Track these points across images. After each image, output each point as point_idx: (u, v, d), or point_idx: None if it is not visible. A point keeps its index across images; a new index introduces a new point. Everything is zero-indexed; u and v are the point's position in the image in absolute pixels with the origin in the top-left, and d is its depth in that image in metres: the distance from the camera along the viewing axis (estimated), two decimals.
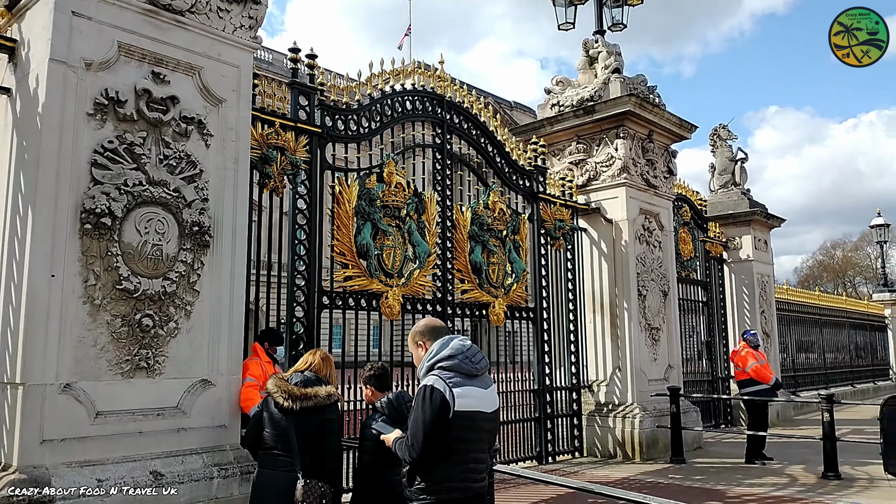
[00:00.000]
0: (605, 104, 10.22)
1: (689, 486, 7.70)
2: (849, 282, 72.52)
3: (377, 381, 4.23)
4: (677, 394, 9.51)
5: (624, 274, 10.11)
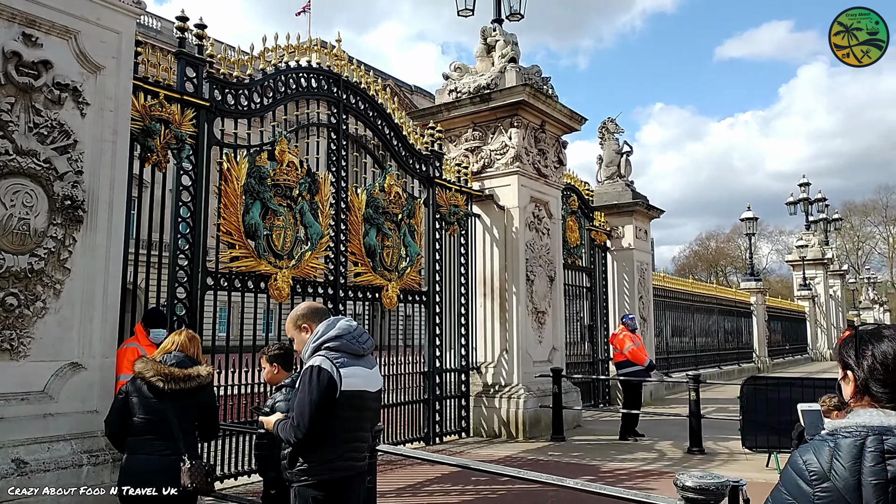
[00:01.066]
0: (500, 93, 10.42)
1: (566, 463, 8.10)
2: (721, 271, 77.97)
3: (284, 360, 4.16)
4: (560, 375, 9.94)
5: (514, 259, 10.41)
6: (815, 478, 1.53)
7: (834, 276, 38.02)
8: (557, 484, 2.93)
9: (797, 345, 32.31)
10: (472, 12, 11.44)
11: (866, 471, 1.48)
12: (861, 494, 1.47)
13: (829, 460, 1.52)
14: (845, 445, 1.52)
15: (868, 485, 1.47)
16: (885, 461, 1.48)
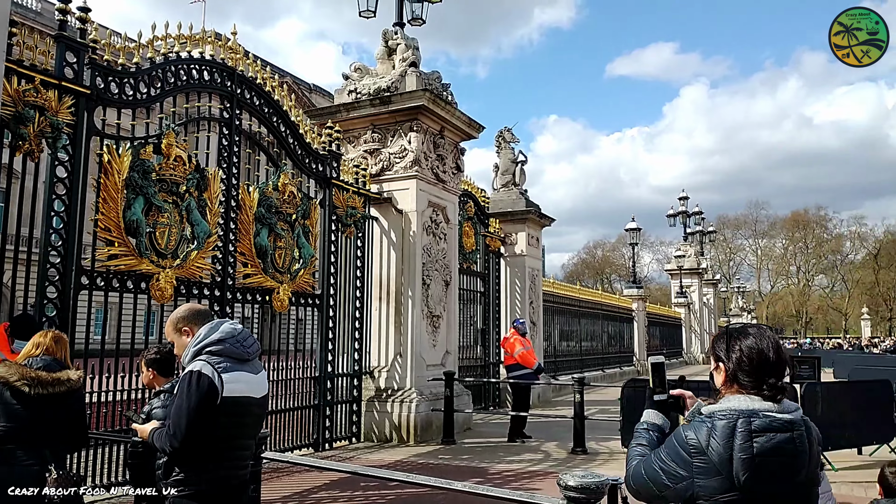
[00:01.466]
0: (401, 96, 10.41)
1: (456, 466, 8.18)
2: (606, 278, 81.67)
3: (161, 365, 3.94)
4: (452, 378, 10.03)
5: (411, 263, 10.43)
6: (694, 451, 1.84)
7: (708, 284, 40.69)
8: (445, 487, 2.95)
9: (674, 349, 34.30)
10: (374, 14, 11.38)
11: (737, 447, 1.79)
12: (732, 466, 1.78)
13: (706, 438, 1.83)
14: (720, 426, 1.83)
15: (738, 458, 1.78)
16: (752, 439, 1.80)
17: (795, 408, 1.93)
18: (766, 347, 1.96)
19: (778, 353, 1.97)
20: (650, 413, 2.23)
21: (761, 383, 1.92)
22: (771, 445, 1.80)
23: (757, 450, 1.79)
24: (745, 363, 1.94)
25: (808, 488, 1.89)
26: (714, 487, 1.80)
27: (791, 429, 1.85)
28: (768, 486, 1.78)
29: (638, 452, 2.11)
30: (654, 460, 1.97)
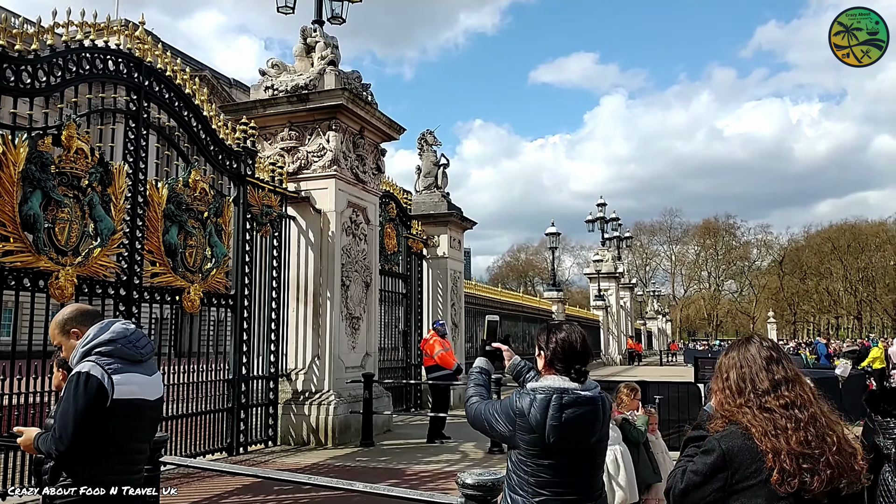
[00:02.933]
0: (319, 95, 10.27)
1: (373, 468, 8.11)
2: (529, 281, 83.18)
3: None
4: (371, 380, 9.95)
5: (329, 264, 10.28)
6: (518, 415, 2.40)
7: (624, 288, 42.06)
8: (344, 488, 2.91)
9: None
10: (292, 10, 11.19)
11: (550, 416, 2.35)
12: (545, 429, 2.33)
13: (529, 405, 2.38)
14: (539, 399, 2.38)
15: (549, 424, 2.33)
16: (562, 411, 2.35)
17: (594, 386, 2.49)
18: (575, 340, 2.51)
19: (583, 344, 2.52)
20: (480, 359, 2.94)
21: (570, 368, 2.47)
22: (575, 416, 2.35)
23: (564, 419, 2.34)
24: (559, 352, 2.48)
25: (598, 444, 2.50)
26: (529, 440, 2.37)
27: (591, 403, 2.42)
28: (569, 443, 2.35)
29: (473, 393, 2.76)
30: (491, 412, 2.54)
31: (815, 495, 1.74)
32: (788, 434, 1.80)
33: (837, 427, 1.87)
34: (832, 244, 75.68)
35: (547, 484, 2.36)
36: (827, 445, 1.79)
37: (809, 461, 1.75)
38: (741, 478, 1.84)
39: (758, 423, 1.85)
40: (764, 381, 1.93)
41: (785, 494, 1.75)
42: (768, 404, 1.88)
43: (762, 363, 1.96)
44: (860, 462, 1.83)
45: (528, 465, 2.39)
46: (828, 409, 1.91)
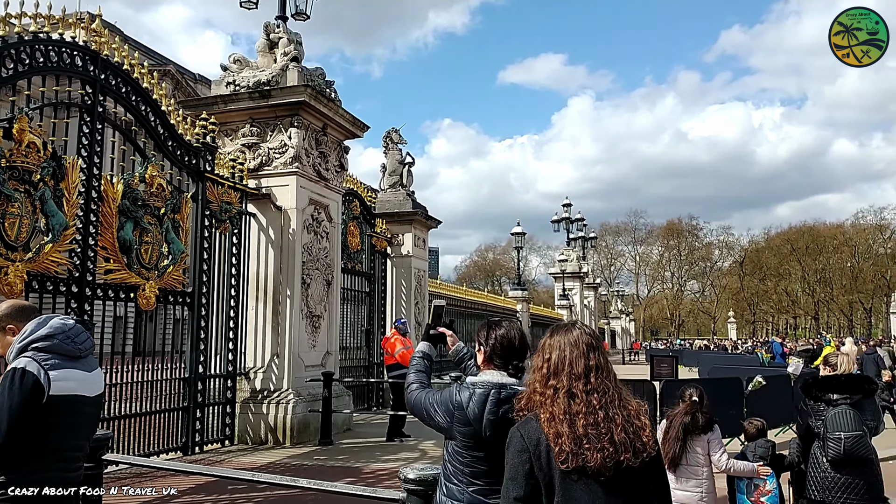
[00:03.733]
0: (281, 91, 10.20)
1: (331, 466, 8.09)
2: (496, 280, 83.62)
3: None
4: (331, 379, 9.92)
5: (290, 262, 10.22)
6: (457, 408, 2.44)
7: (589, 288, 42.55)
8: (288, 484, 2.92)
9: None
10: (255, 5, 11.09)
11: (487, 411, 2.39)
12: (482, 422, 2.38)
13: (468, 399, 2.42)
14: (478, 393, 2.42)
15: (486, 419, 2.38)
16: (499, 406, 2.39)
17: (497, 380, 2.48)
18: (513, 337, 2.54)
19: (521, 341, 2.57)
20: (423, 344, 2.94)
21: (508, 363, 2.51)
22: (512, 411, 2.27)
23: (501, 413, 2.37)
24: (498, 348, 2.51)
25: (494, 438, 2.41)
26: (465, 433, 2.42)
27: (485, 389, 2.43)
28: (503, 437, 2.25)
29: (414, 379, 2.77)
30: (431, 402, 2.57)
31: (598, 468, 1.91)
32: (578, 418, 1.97)
33: (631, 405, 2.05)
34: (791, 246, 77.55)
35: (481, 475, 2.41)
36: (615, 424, 1.98)
37: (594, 441, 1.94)
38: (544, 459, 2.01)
39: (548, 408, 2.02)
40: (579, 367, 2.06)
41: (568, 470, 1.92)
42: (575, 388, 2.03)
43: (583, 349, 2.09)
44: (647, 435, 2.01)
45: (464, 456, 2.44)
46: (625, 393, 2.08)
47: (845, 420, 4.25)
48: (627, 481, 1.96)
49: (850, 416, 4.27)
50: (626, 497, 1.97)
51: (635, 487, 1.98)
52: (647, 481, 2.02)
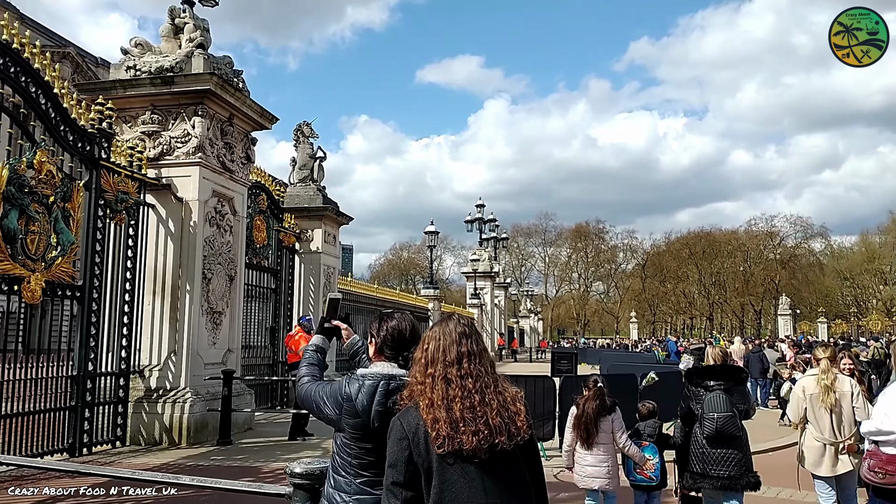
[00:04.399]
0: (185, 78, 9.84)
1: (228, 466, 7.89)
2: (411, 279, 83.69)
3: None
4: (231, 377, 9.67)
5: (190, 256, 9.87)
6: (346, 400, 2.43)
7: (499, 287, 43.25)
8: (169, 482, 2.83)
9: None
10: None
11: (376, 402, 2.39)
12: (370, 414, 2.38)
13: (357, 391, 2.42)
14: (367, 385, 2.42)
15: (375, 410, 2.38)
16: (388, 397, 2.38)
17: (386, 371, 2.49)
18: (404, 328, 2.55)
19: (412, 332, 2.56)
20: (317, 337, 2.93)
21: (399, 355, 2.51)
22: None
23: (390, 405, 2.36)
24: (389, 339, 2.53)
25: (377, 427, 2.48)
26: (354, 424, 2.43)
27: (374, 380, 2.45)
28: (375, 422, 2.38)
29: (306, 372, 2.74)
30: (320, 394, 2.55)
31: (473, 450, 2.01)
32: (454, 402, 2.06)
33: (507, 392, 2.15)
34: (689, 250, 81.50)
35: (369, 466, 2.43)
36: (490, 408, 2.07)
37: (470, 424, 2.03)
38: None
39: (427, 395, 2.10)
40: (452, 354, 2.16)
41: (444, 453, 2.01)
42: (450, 374, 2.12)
43: (456, 337, 2.18)
44: (522, 420, 2.11)
45: (353, 447, 2.44)
46: (501, 379, 2.19)
47: (718, 403, 5.00)
48: (502, 464, 2.04)
49: (722, 399, 5.02)
50: (500, 479, 2.04)
51: (510, 470, 2.06)
52: (522, 464, 2.11)
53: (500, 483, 2.03)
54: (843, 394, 5.29)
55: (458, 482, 2.00)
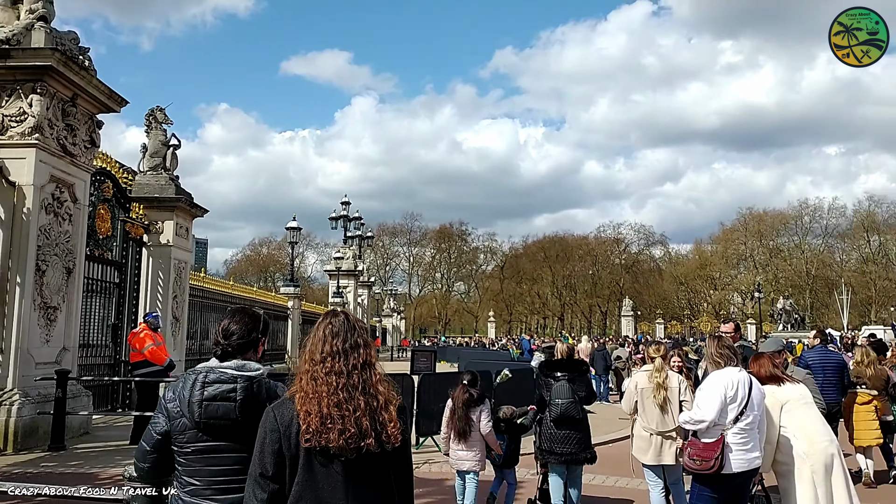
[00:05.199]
0: (23, 52, 9.00)
1: (61, 473, 7.31)
2: (270, 276, 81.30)
3: None
4: (66, 378, 8.95)
5: (22, 246, 9.03)
6: (170, 399, 2.48)
7: (363, 286, 43.14)
8: None
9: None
10: None
11: (195, 394, 2.41)
12: (191, 407, 2.40)
13: (181, 386, 2.47)
14: (190, 379, 2.46)
15: (194, 401, 2.40)
16: (204, 388, 2.41)
17: (255, 368, 2.50)
18: (228, 325, 2.59)
19: (243, 327, 2.61)
20: None
21: (225, 349, 2.55)
22: (216, 392, 2.40)
23: (206, 395, 2.39)
24: (218, 335, 2.59)
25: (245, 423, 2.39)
26: (180, 424, 2.42)
27: (235, 381, 2.43)
28: (214, 420, 2.39)
29: None
30: (150, 425, 2.52)
31: (339, 449, 2.03)
32: (323, 398, 2.09)
33: (380, 397, 2.16)
34: (544, 253, 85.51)
35: (201, 461, 2.40)
36: (359, 409, 2.10)
37: (338, 422, 2.05)
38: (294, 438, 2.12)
39: (301, 389, 2.14)
40: (321, 351, 2.20)
41: (311, 448, 2.04)
42: (317, 371, 2.16)
43: (324, 334, 2.22)
44: (393, 427, 2.13)
45: (185, 448, 2.42)
46: (379, 384, 2.20)
47: (563, 390, 5.90)
48: (368, 466, 2.06)
49: (566, 387, 5.92)
50: (364, 481, 2.06)
51: (375, 473, 2.08)
52: (389, 469, 2.12)
53: (364, 486, 2.05)
54: (672, 389, 5.81)
55: (322, 479, 2.01)
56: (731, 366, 4.65)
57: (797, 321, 48.39)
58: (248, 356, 2.52)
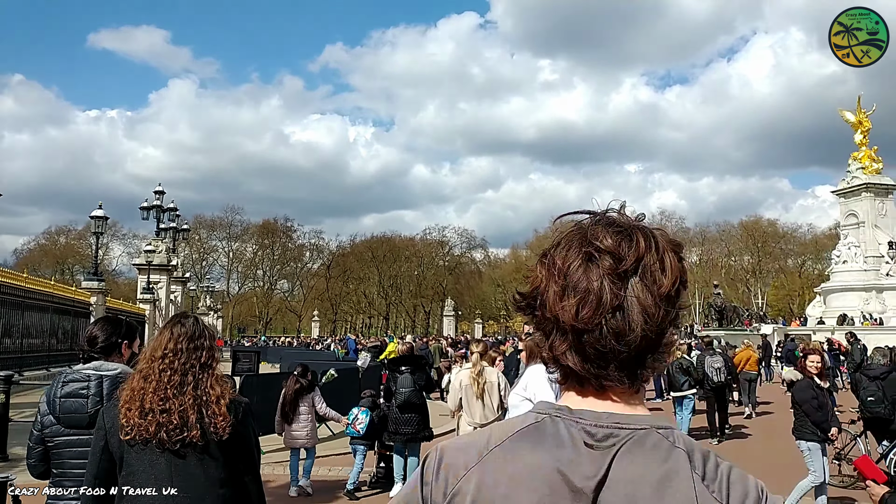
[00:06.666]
0: None
1: None
2: (69, 269, 73.95)
3: None
4: None
5: None
6: (43, 399, 2.59)
7: (177, 282, 40.66)
8: None
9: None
10: None
11: (56, 392, 2.65)
12: (53, 405, 2.65)
13: (50, 387, 2.66)
14: (57, 380, 2.64)
15: (56, 399, 2.63)
16: (63, 387, 2.64)
17: (112, 368, 2.73)
18: (92, 331, 2.81)
19: (101, 333, 2.82)
20: None
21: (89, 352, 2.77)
22: (70, 390, 2.66)
23: (62, 393, 2.65)
24: (85, 341, 2.79)
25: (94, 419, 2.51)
26: (48, 420, 2.62)
27: (88, 379, 2.69)
28: (69, 414, 2.62)
29: None
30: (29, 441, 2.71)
31: (160, 441, 2.15)
32: (147, 394, 2.21)
33: (212, 393, 2.28)
34: (372, 253, 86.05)
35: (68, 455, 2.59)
36: (188, 406, 2.22)
37: (159, 415, 2.18)
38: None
39: (130, 384, 2.26)
40: (158, 351, 2.33)
41: (132, 442, 2.15)
42: (151, 370, 2.28)
43: (171, 334, 2.35)
44: (222, 421, 2.24)
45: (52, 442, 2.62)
46: (213, 380, 2.32)
47: (406, 381, 7.21)
48: (193, 458, 2.16)
49: (409, 379, 7.26)
50: (187, 472, 2.15)
51: (200, 464, 2.18)
52: (219, 460, 2.22)
53: (190, 475, 2.13)
54: (491, 384, 6.21)
55: (146, 471, 2.09)
56: None
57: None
58: (112, 358, 2.74)
